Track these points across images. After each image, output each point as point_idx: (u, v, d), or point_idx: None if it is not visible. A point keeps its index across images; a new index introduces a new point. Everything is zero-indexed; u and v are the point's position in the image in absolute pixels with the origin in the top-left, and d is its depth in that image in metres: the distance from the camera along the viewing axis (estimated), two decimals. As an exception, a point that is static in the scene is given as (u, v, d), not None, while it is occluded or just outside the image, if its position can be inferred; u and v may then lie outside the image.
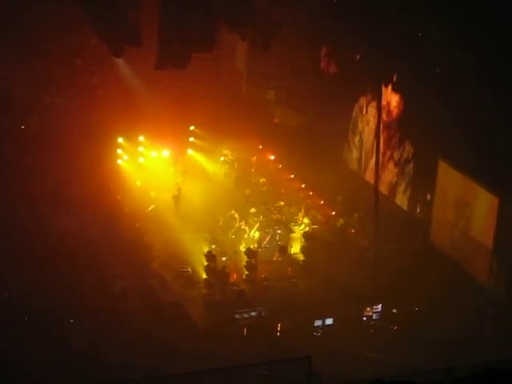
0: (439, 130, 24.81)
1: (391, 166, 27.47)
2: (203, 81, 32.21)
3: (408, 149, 26.64)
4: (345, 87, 28.58)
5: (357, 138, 29.53)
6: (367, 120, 28.70)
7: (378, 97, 25.05)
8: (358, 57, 27.93)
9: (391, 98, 26.98)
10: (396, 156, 27.27)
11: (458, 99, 23.14)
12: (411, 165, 26.50)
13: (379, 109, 24.97)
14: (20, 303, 20.83)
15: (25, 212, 24.69)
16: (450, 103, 23.66)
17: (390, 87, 26.79)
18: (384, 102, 26.40)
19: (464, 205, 23.18)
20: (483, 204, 22.27)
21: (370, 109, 28.43)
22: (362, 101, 28.92)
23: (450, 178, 23.74)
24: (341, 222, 26.65)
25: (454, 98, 23.23)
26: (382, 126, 25.92)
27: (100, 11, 22.20)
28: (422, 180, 25.87)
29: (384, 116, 26.53)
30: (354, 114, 29.66)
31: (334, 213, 27.42)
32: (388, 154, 27.31)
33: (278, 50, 25.97)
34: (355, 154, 29.67)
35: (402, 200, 27.05)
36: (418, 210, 26.12)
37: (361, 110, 29.17)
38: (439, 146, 24.69)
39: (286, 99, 32.54)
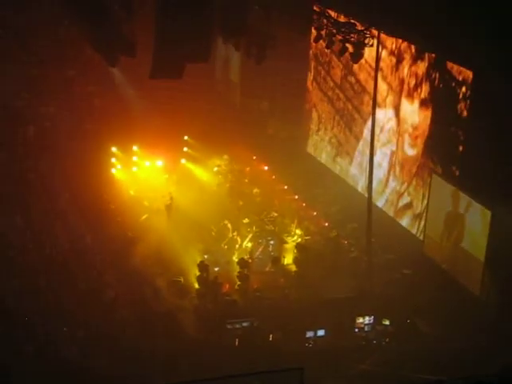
0: (432, 143, 24.95)
1: (385, 177, 27.54)
2: (197, 91, 32.28)
3: (402, 161, 26.75)
4: (338, 97, 28.66)
5: (351, 149, 29.61)
6: (362, 130, 28.79)
7: (372, 107, 25.08)
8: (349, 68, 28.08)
9: (388, 109, 27.12)
10: (390, 168, 27.35)
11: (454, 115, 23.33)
12: (405, 177, 26.58)
13: (373, 118, 24.99)
14: (11, 311, 20.74)
15: (18, 220, 24.66)
16: (446, 119, 23.85)
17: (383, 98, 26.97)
18: (378, 112, 26.46)
19: (457, 217, 23.22)
20: (475, 216, 22.31)
21: (364, 120, 28.54)
22: (357, 112, 29.03)
23: (442, 191, 23.78)
24: (334, 233, 26.66)
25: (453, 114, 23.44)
26: (375, 137, 25.95)
27: (94, 20, 22.18)
28: (416, 191, 25.95)
29: (378, 127, 26.60)
30: (348, 124, 29.75)
31: (326, 224, 27.46)
32: (382, 165, 27.39)
33: (272, 61, 25.99)
34: (349, 165, 29.73)
35: (394, 211, 27.13)
36: (412, 221, 26.16)
37: (355, 120, 29.27)
38: (434, 159, 24.79)
39: (280, 110, 32.60)
